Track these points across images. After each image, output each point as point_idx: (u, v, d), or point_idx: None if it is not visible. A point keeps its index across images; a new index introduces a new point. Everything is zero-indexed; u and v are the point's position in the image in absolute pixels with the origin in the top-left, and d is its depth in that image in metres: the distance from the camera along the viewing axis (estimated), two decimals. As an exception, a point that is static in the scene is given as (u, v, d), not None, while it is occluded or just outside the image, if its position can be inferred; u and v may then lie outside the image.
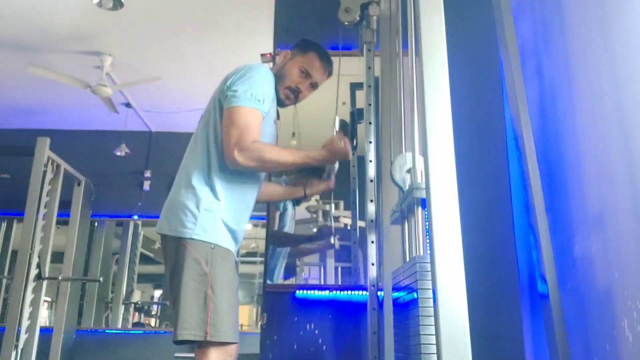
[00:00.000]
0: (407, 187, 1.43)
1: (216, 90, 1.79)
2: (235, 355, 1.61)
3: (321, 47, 1.92)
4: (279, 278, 2.31)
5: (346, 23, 2.05)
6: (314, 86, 1.90)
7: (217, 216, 1.65)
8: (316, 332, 2.13)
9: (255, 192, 1.81)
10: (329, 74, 1.94)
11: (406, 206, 1.43)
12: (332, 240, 2.34)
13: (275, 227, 2.36)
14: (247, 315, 6.31)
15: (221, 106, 1.73)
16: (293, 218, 2.41)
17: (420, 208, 1.36)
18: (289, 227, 2.41)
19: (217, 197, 1.66)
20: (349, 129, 2.05)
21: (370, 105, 2.06)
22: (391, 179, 1.48)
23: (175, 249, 1.62)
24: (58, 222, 3.61)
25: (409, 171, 1.44)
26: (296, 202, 2.39)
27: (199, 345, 1.55)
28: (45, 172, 3.37)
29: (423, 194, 1.28)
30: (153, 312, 6.33)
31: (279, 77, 1.84)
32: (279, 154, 1.72)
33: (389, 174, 1.67)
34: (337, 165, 2.04)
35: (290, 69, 1.86)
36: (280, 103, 1.87)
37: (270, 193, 2.07)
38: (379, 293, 1.86)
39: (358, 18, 2.04)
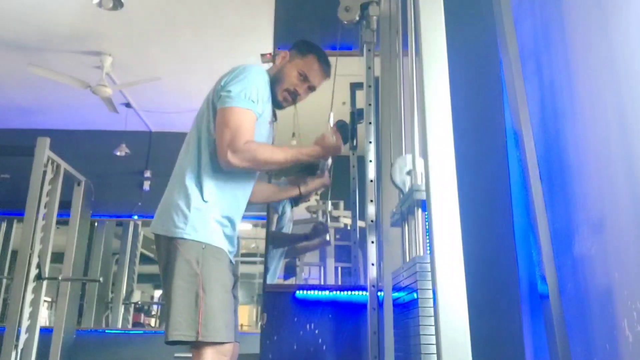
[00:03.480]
0: (407, 189, 1.42)
1: (210, 91, 1.79)
2: (231, 354, 1.60)
3: (320, 50, 1.91)
4: (275, 278, 2.30)
5: (345, 22, 2.04)
6: (311, 89, 1.90)
7: (209, 215, 1.65)
8: (316, 332, 2.13)
9: (247, 191, 1.81)
10: (327, 76, 1.93)
11: (406, 208, 1.43)
12: (327, 237, 2.33)
13: (273, 230, 2.36)
14: (247, 315, 6.31)
15: (214, 107, 1.73)
16: (291, 220, 2.41)
17: (420, 210, 1.36)
18: (287, 229, 2.41)
19: (206, 197, 1.66)
20: (348, 129, 2.04)
21: (370, 105, 2.05)
22: (391, 181, 1.47)
23: (167, 249, 1.62)
24: (58, 222, 3.61)
25: (409, 173, 1.44)
26: (294, 203, 2.39)
27: (193, 346, 1.55)
28: (45, 172, 3.37)
29: (423, 196, 1.28)
30: (153, 312, 6.33)
31: (277, 79, 1.84)
32: (272, 153, 1.72)
33: (389, 174, 1.67)
34: (330, 160, 2.02)
35: (288, 72, 1.85)
36: (278, 105, 1.87)
37: (266, 194, 2.07)
38: (379, 293, 1.86)
39: (358, 17, 2.03)
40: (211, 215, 1.65)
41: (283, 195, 2.13)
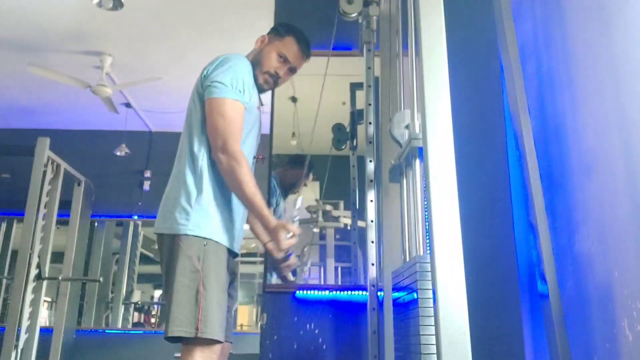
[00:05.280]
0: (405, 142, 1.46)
1: (194, 87, 1.80)
2: (220, 354, 1.60)
3: (298, 31, 1.88)
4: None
5: (347, 13, 2.03)
6: (292, 71, 1.88)
7: (210, 211, 1.65)
8: (316, 332, 2.13)
9: None
10: (307, 57, 1.90)
11: (404, 159, 1.45)
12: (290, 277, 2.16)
13: None
14: (247, 315, 6.30)
15: (201, 98, 1.73)
16: (285, 211, 2.41)
17: (418, 161, 1.39)
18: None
19: (207, 194, 1.66)
20: (345, 131, 2.04)
21: (370, 105, 2.06)
22: (390, 136, 1.51)
23: (169, 246, 1.62)
24: (58, 222, 3.60)
25: (407, 127, 1.47)
26: (285, 196, 2.40)
27: (185, 343, 1.55)
28: (45, 172, 3.37)
29: (420, 143, 1.31)
30: (153, 312, 6.33)
31: (256, 62, 1.83)
32: (249, 183, 1.63)
33: (388, 174, 1.67)
34: (296, 260, 1.87)
35: (268, 54, 1.83)
36: (260, 89, 1.85)
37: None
38: (379, 293, 1.86)
39: (359, 10, 2.03)
40: (213, 211, 1.65)
41: (255, 226, 1.94)
